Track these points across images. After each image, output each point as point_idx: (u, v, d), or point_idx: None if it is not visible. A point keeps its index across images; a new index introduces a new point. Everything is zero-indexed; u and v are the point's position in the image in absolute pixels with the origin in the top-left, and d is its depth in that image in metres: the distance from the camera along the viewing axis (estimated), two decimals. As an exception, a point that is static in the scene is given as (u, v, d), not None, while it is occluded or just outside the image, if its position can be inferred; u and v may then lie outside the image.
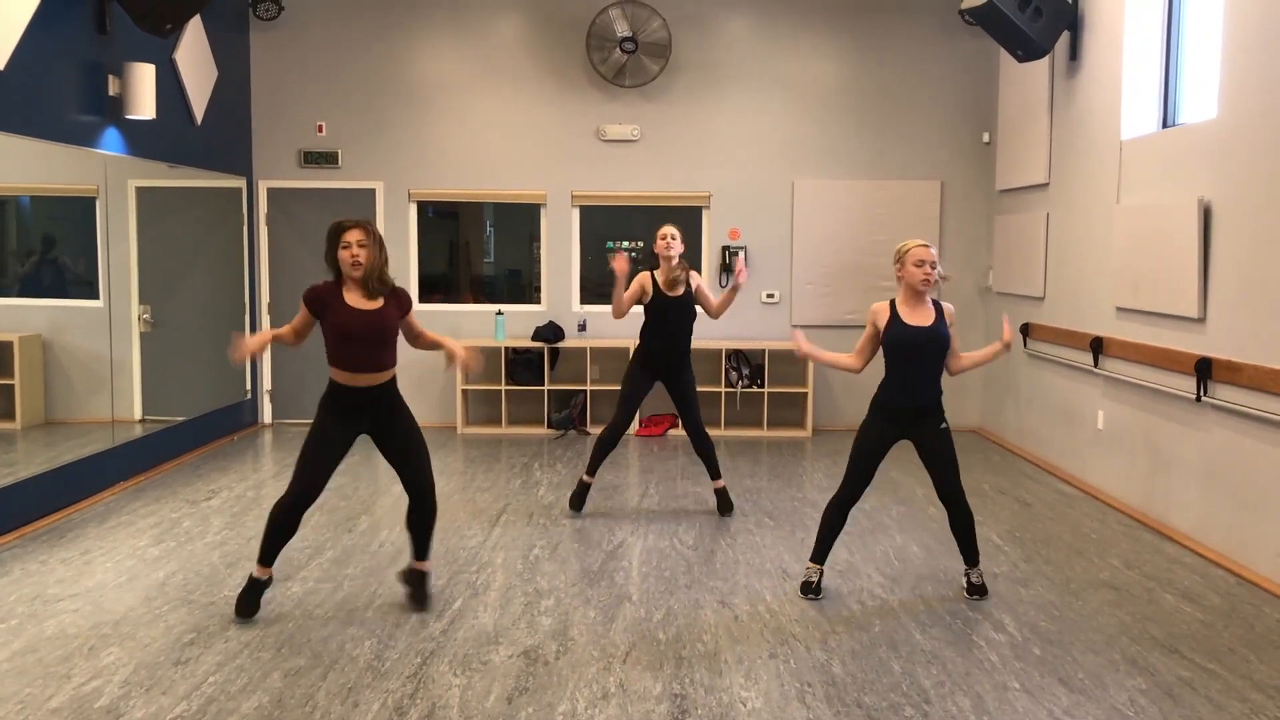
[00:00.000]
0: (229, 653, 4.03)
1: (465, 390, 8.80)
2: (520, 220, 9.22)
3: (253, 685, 3.75)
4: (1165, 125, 6.33)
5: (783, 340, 8.89)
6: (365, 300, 4.27)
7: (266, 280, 8.84)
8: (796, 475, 7.25)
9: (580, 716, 3.54)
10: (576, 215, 8.95)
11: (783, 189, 8.89)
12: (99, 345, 6.55)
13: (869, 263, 8.79)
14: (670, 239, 5.87)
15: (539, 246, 9.02)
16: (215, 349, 8.29)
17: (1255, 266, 5.08)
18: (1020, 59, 7.32)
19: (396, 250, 8.84)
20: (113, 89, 6.44)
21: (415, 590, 4.53)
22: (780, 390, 8.75)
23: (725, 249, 8.87)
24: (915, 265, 4.49)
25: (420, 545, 4.53)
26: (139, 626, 4.30)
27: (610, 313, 5.98)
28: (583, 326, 8.92)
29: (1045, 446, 7.63)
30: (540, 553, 5.36)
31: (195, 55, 7.57)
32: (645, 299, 5.89)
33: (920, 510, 6.21)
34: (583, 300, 9.02)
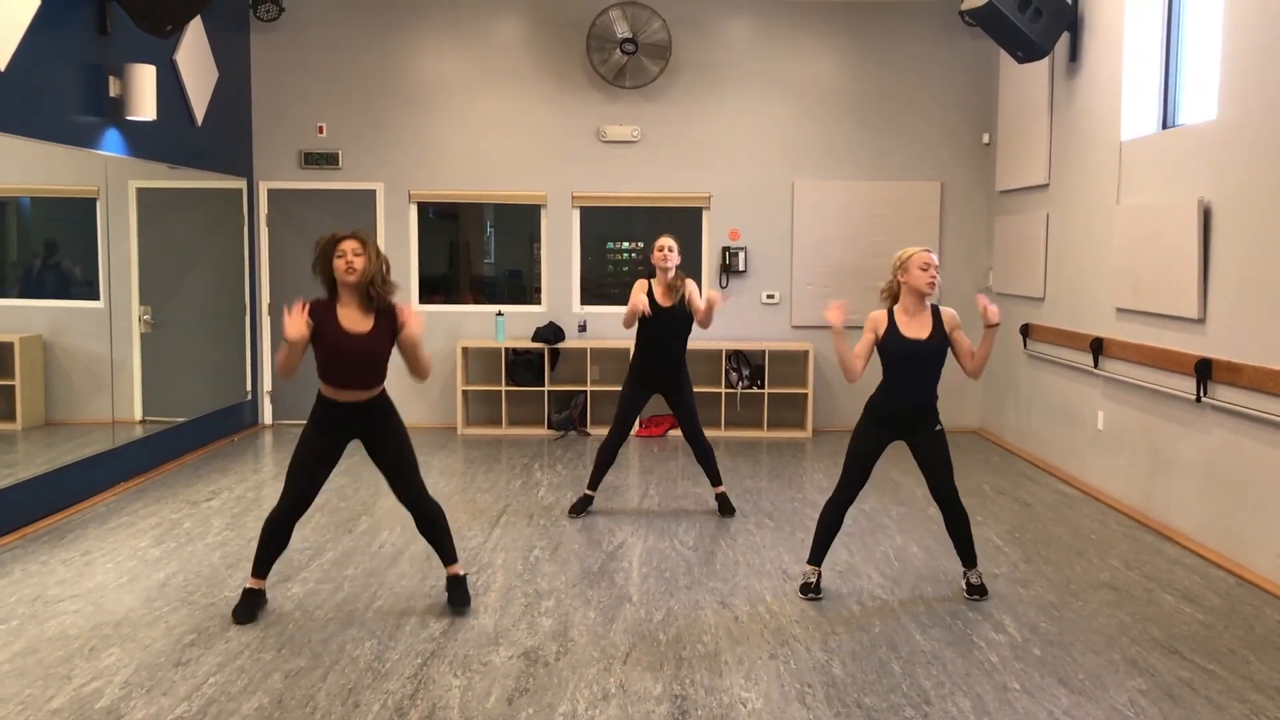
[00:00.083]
0: (229, 653, 4.03)
1: (465, 391, 8.80)
2: (520, 221, 9.23)
3: (253, 686, 3.75)
4: (1165, 126, 6.33)
5: (783, 341, 8.90)
6: (359, 316, 4.22)
7: (267, 281, 8.85)
8: (796, 476, 7.25)
9: (580, 717, 3.54)
10: (577, 216, 8.95)
11: (783, 190, 8.89)
12: (99, 346, 6.55)
13: (869, 263, 8.78)
14: (668, 251, 5.85)
15: (539, 247, 9.02)
16: (216, 350, 8.33)
17: (1255, 267, 5.08)
18: (1020, 60, 7.33)
19: (397, 251, 8.85)
20: (113, 90, 6.44)
21: (452, 594, 4.52)
22: (780, 391, 8.75)
23: (725, 249, 8.87)
24: (921, 269, 4.49)
25: (441, 550, 4.54)
26: (139, 627, 4.30)
27: (621, 320, 5.97)
28: (583, 327, 8.92)
29: (1045, 447, 7.63)
30: (540, 554, 5.37)
31: (196, 56, 7.57)
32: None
33: (920, 511, 6.21)
34: (583, 301, 9.01)
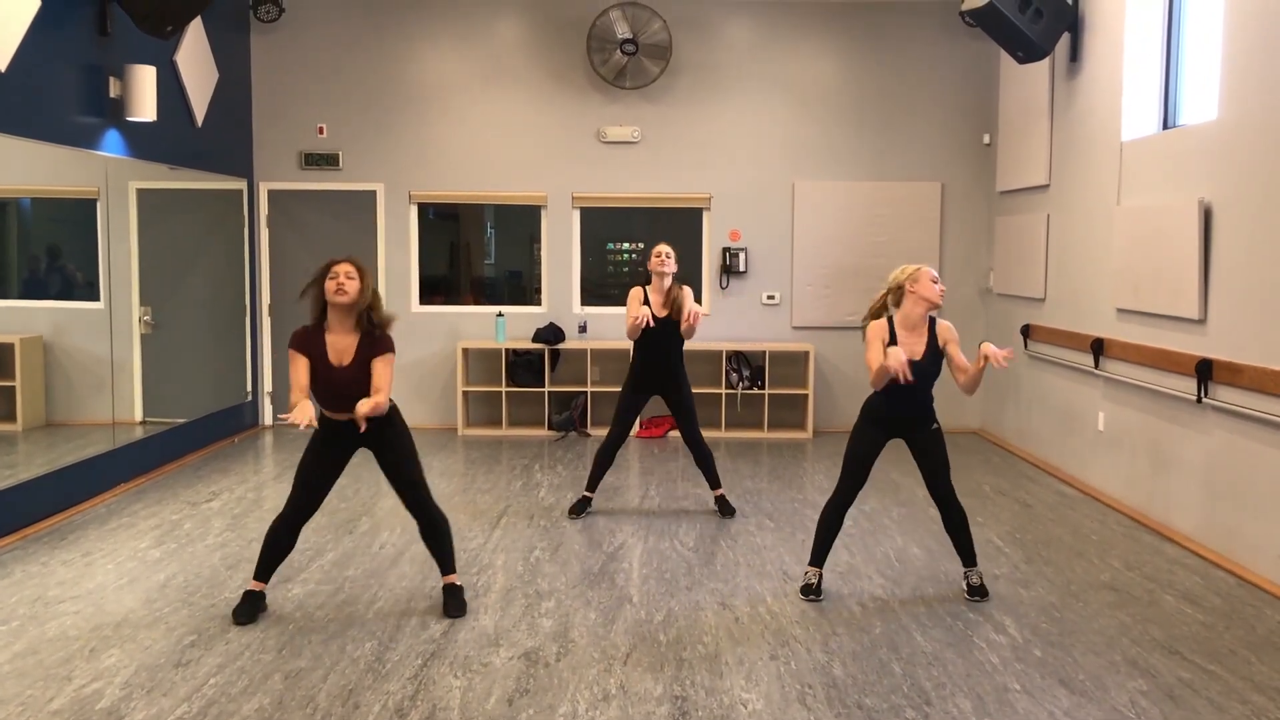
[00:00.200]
0: (230, 654, 4.03)
1: (466, 392, 8.80)
2: (521, 222, 9.23)
3: (253, 687, 3.75)
4: (1166, 126, 6.33)
5: (783, 342, 8.89)
6: (345, 344, 4.23)
7: (267, 282, 8.85)
8: (797, 477, 7.25)
9: (581, 718, 3.54)
10: (577, 217, 8.95)
11: (783, 190, 8.89)
12: (100, 347, 6.55)
13: (869, 264, 8.78)
14: (665, 257, 5.89)
15: (539, 248, 9.02)
16: (216, 351, 8.33)
17: (1256, 268, 5.08)
18: (1021, 60, 7.32)
19: (397, 252, 8.86)
20: (114, 91, 6.44)
21: (447, 602, 4.53)
22: (780, 392, 8.75)
23: (726, 250, 8.87)
24: (932, 281, 4.51)
25: (440, 560, 4.57)
26: (140, 628, 4.30)
27: (625, 331, 5.98)
28: (583, 328, 8.92)
29: (1046, 448, 7.63)
30: (541, 554, 5.36)
31: (196, 57, 7.58)
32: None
33: (921, 512, 6.21)
34: (583, 302, 9.01)
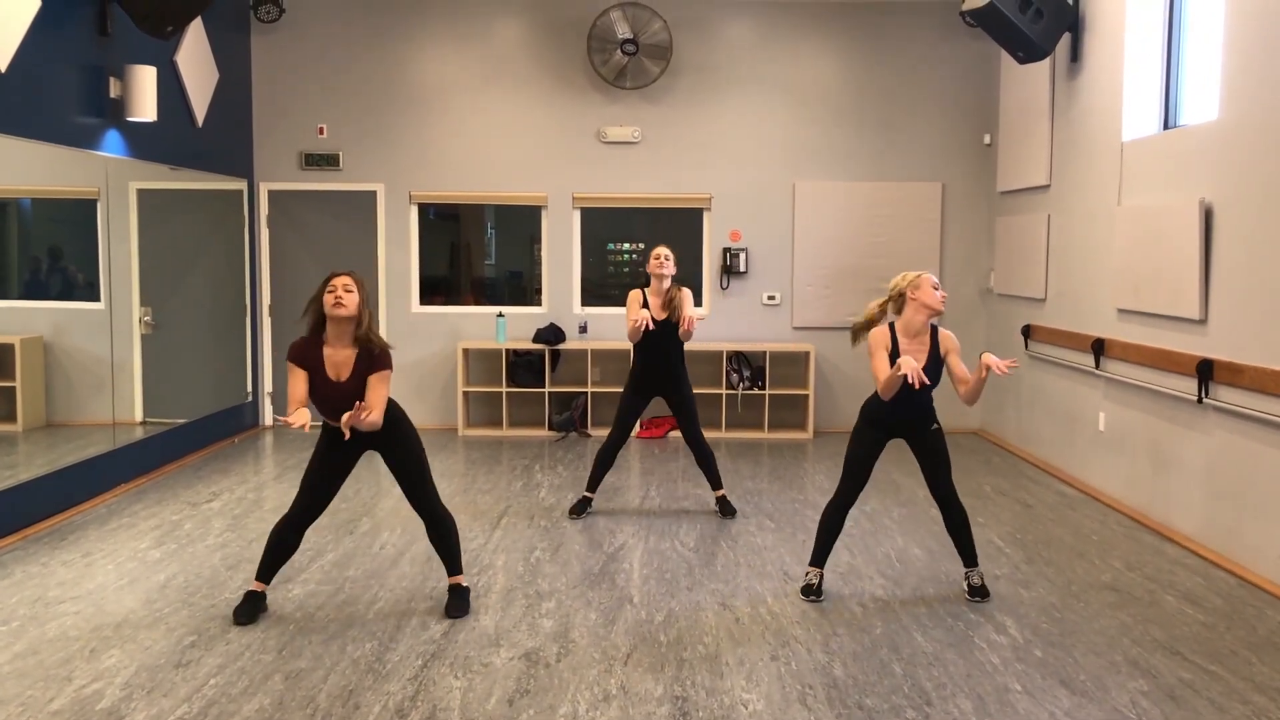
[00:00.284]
0: (230, 655, 4.03)
1: (466, 392, 8.80)
2: (521, 222, 9.22)
3: (254, 687, 3.75)
4: (1166, 127, 6.32)
5: (783, 342, 8.89)
6: (342, 359, 4.22)
7: (268, 282, 8.85)
8: (798, 477, 7.25)
9: (581, 719, 3.54)
10: (577, 217, 8.94)
11: (784, 191, 8.89)
12: (100, 347, 6.55)
13: (870, 265, 8.79)
14: (664, 259, 5.90)
15: (540, 248, 9.02)
16: (216, 351, 8.33)
17: (1256, 268, 5.08)
18: (1021, 61, 7.32)
19: (397, 252, 8.85)
20: (114, 91, 6.44)
21: (450, 602, 4.54)
22: (781, 392, 8.74)
23: (726, 251, 8.86)
24: (933, 288, 4.50)
25: (446, 560, 4.57)
26: (140, 629, 4.30)
27: (627, 335, 5.98)
28: (584, 328, 8.92)
29: (1046, 448, 7.63)
30: (541, 555, 5.36)
31: (196, 57, 7.58)
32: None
33: (922, 513, 6.21)
34: (584, 302, 9.01)
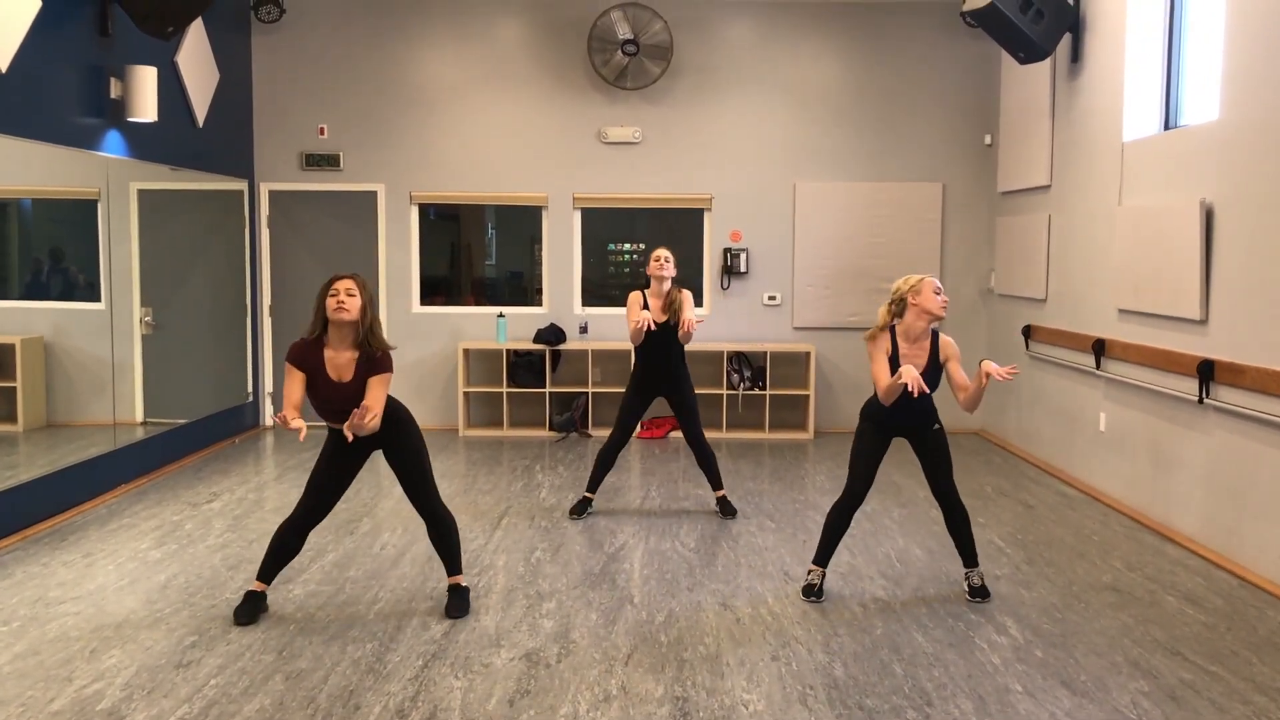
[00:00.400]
0: (231, 655, 4.03)
1: (467, 393, 8.80)
2: (522, 222, 9.22)
3: (254, 688, 3.75)
4: (1167, 127, 6.32)
5: (784, 342, 8.89)
6: (344, 361, 4.22)
7: (268, 283, 8.85)
8: (798, 477, 7.25)
9: (582, 719, 3.54)
10: (578, 217, 8.94)
11: (784, 191, 8.89)
12: (101, 348, 6.55)
13: (870, 265, 8.79)
14: (664, 261, 5.91)
15: (540, 249, 9.02)
16: (217, 352, 8.33)
17: (1257, 268, 5.07)
18: (1022, 61, 7.32)
19: (398, 253, 8.85)
20: (114, 91, 6.44)
21: (450, 602, 4.54)
22: (782, 392, 8.74)
23: (727, 251, 8.86)
24: (935, 293, 4.47)
25: (447, 561, 4.58)
26: (140, 629, 4.30)
27: (629, 337, 5.98)
28: (584, 329, 8.92)
29: (1047, 448, 7.62)
30: (542, 555, 5.36)
31: (197, 58, 7.58)
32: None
33: (922, 513, 6.21)
34: (584, 303, 9.01)
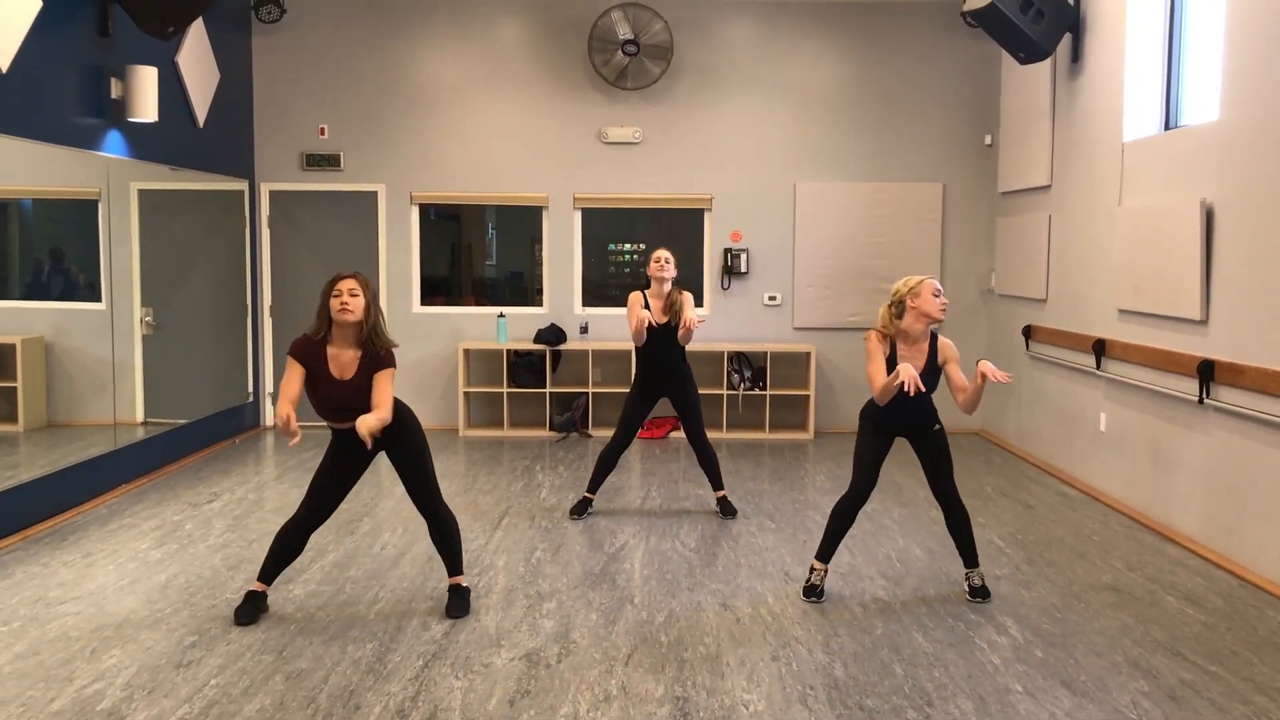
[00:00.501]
0: (231, 655, 4.03)
1: (467, 393, 8.80)
2: (522, 222, 9.22)
3: (255, 688, 3.75)
4: (1167, 127, 6.32)
5: (784, 342, 8.89)
6: (347, 360, 4.23)
7: (268, 283, 8.85)
8: (798, 478, 7.25)
9: (582, 719, 3.54)
10: (578, 218, 8.94)
11: (784, 191, 8.89)
12: (101, 348, 6.55)
13: (870, 265, 8.79)
14: (664, 263, 5.91)
15: (541, 249, 9.02)
16: (217, 352, 8.33)
17: (1258, 268, 5.07)
18: (1022, 61, 7.32)
19: (398, 253, 8.86)
20: (115, 92, 6.44)
21: (451, 602, 4.55)
22: (782, 392, 8.74)
23: (727, 251, 8.86)
24: (934, 295, 4.47)
25: (448, 561, 4.59)
26: (141, 629, 4.30)
27: (631, 338, 5.96)
28: (585, 329, 8.92)
29: (1047, 448, 7.62)
30: (542, 555, 5.36)
31: (197, 58, 7.58)
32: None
33: (922, 513, 6.21)
34: (585, 303, 9.01)
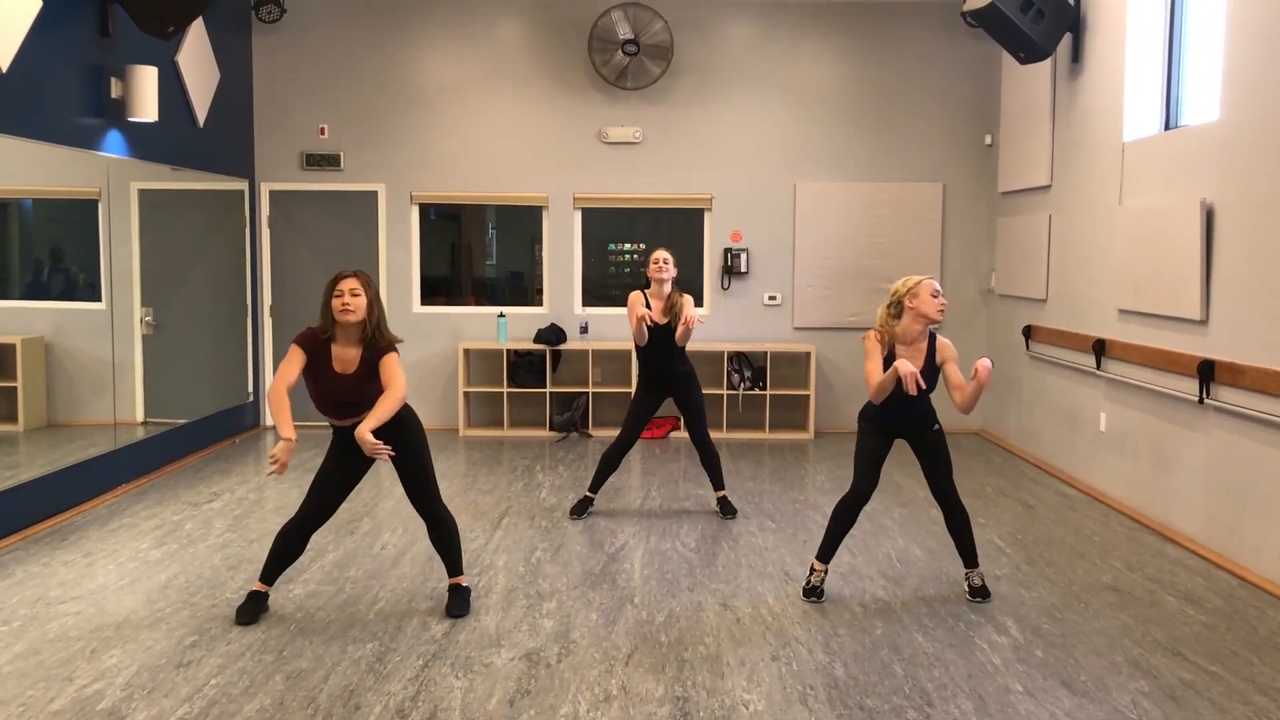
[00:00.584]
0: (231, 655, 4.03)
1: (467, 393, 8.80)
2: (522, 222, 9.22)
3: (255, 688, 3.75)
4: (1168, 127, 6.32)
5: (784, 342, 8.89)
6: (350, 357, 4.25)
7: (268, 283, 8.85)
8: (799, 478, 7.25)
9: (582, 719, 3.54)
10: (578, 217, 8.94)
11: (785, 191, 8.89)
12: (101, 348, 6.55)
13: (871, 265, 8.79)
14: (663, 264, 5.91)
15: (541, 249, 9.02)
16: (217, 352, 8.33)
17: (1258, 268, 5.07)
18: (1022, 61, 7.32)
19: (398, 253, 8.86)
20: (115, 91, 6.44)
21: (451, 601, 4.55)
22: (782, 392, 8.74)
23: (727, 251, 8.86)
24: (932, 295, 4.47)
25: (448, 562, 4.59)
26: (141, 629, 4.30)
27: (633, 338, 5.97)
28: (585, 329, 8.92)
29: (1047, 449, 7.62)
30: (542, 555, 5.36)
31: (197, 57, 7.58)
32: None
33: (923, 513, 6.21)
34: (585, 303, 9.01)
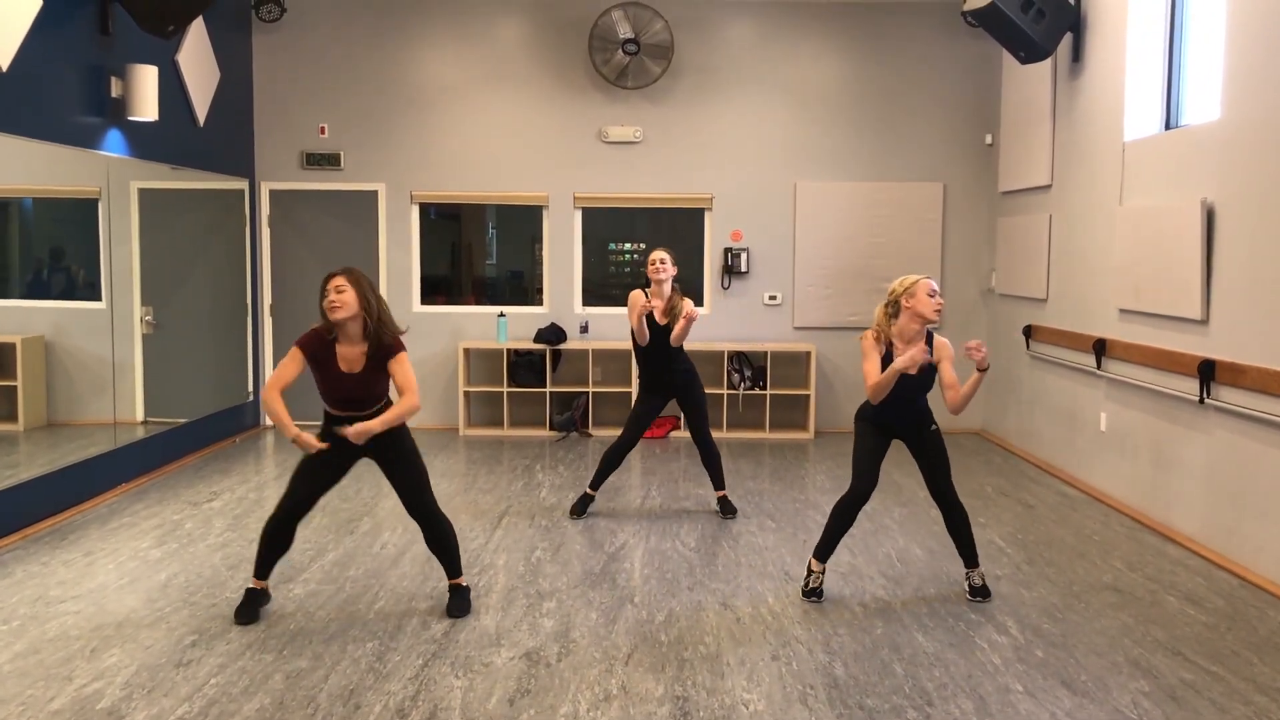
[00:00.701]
0: (231, 654, 4.03)
1: (467, 392, 8.80)
2: (522, 222, 9.22)
3: (254, 687, 3.75)
4: (1168, 127, 6.32)
5: (784, 342, 8.89)
6: (355, 354, 4.27)
7: (269, 282, 8.84)
8: (799, 477, 7.24)
9: (582, 719, 3.54)
10: (579, 217, 8.94)
11: (785, 191, 8.89)
12: (101, 347, 6.55)
13: (871, 265, 8.79)
14: (661, 264, 5.90)
15: (541, 248, 9.02)
16: (217, 351, 8.33)
17: (1258, 268, 5.07)
18: (1023, 61, 7.32)
19: (398, 252, 8.85)
20: (115, 90, 6.44)
21: (451, 601, 4.55)
22: (782, 392, 8.74)
23: (727, 251, 8.86)
24: (929, 295, 4.46)
25: (446, 565, 4.58)
26: (141, 628, 4.30)
27: (635, 338, 5.95)
28: (585, 328, 8.92)
29: (1048, 448, 7.62)
30: (542, 555, 5.36)
31: (197, 57, 7.58)
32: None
33: (923, 513, 6.20)
34: (585, 302, 9.01)
